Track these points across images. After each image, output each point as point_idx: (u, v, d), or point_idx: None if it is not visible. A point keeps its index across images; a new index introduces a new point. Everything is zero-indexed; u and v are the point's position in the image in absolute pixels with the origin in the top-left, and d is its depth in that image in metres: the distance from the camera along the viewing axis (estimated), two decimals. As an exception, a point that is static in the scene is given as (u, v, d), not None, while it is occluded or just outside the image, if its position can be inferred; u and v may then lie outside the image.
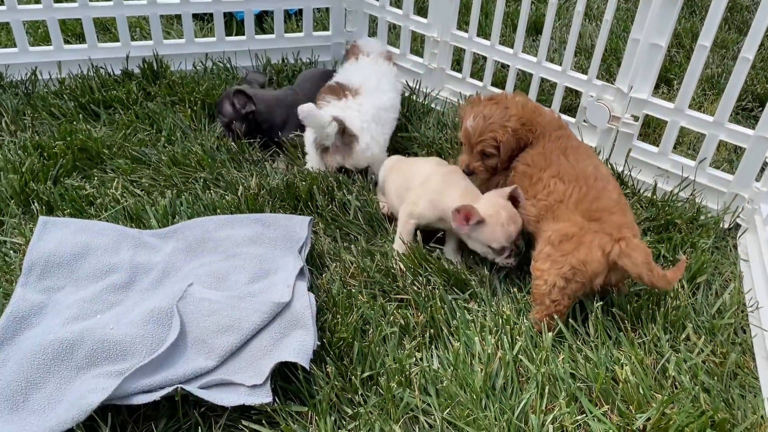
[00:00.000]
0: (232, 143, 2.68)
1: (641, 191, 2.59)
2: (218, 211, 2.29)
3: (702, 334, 1.96)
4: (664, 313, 1.97)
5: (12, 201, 2.29)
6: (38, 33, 3.38)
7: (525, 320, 1.97)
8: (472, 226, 2.03)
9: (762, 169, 2.38)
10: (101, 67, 3.05)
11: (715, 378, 1.82)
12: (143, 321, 1.77)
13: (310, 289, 1.96)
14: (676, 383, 1.81)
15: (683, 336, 1.95)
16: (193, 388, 1.63)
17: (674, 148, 2.58)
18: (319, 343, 1.78)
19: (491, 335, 1.90)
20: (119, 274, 1.97)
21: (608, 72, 3.43)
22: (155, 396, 1.60)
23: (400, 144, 2.81)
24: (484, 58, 3.04)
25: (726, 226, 2.44)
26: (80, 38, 3.14)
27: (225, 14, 3.29)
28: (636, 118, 2.59)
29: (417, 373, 1.79)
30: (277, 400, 1.67)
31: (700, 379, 1.79)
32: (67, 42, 3.23)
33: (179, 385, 1.62)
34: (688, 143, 2.96)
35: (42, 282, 1.92)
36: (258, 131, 2.74)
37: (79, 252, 2.00)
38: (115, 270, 1.98)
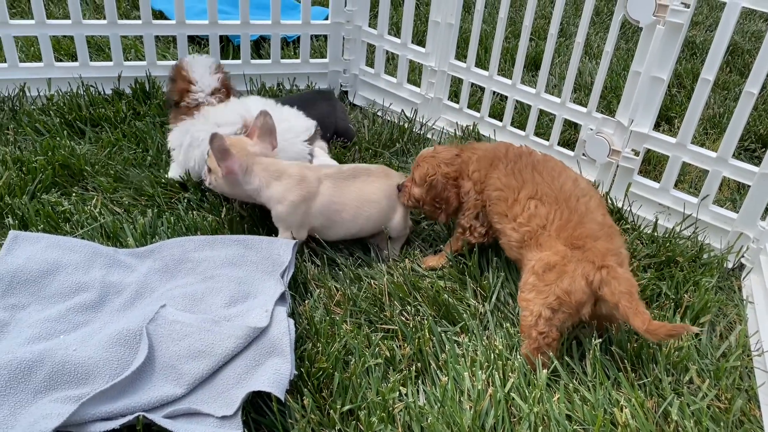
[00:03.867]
0: None
1: (642, 227, 2.50)
2: (200, 232, 2.19)
3: (706, 378, 1.84)
4: (666, 354, 1.86)
5: (-16, 215, 2.19)
6: (31, 51, 3.32)
7: (518, 356, 1.85)
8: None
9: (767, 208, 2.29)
10: (92, 86, 2.99)
11: (721, 424, 1.70)
12: (109, 343, 1.65)
13: (291, 315, 1.84)
14: (679, 428, 1.68)
15: (686, 379, 1.83)
16: (156, 417, 1.50)
17: (675, 185, 2.50)
18: (296, 372, 1.66)
19: (482, 371, 1.78)
20: (89, 293, 1.85)
21: (608, 108, 3.38)
22: (114, 424, 1.47)
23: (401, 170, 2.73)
24: (482, 90, 2.99)
25: (730, 266, 2.34)
26: (74, 57, 3.09)
27: (222, 39, 3.25)
28: (636, 153, 2.51)
29: (401, 409, 1.67)
30: (247, 433, 1.55)
31: (704, 425, 1.67)
32: (59, 60, 3.18)
33: (142, 413, 1.50)
34: (689, 181, 2.88)
35: (6, 299, 1.81)
36: None
37: (48, 269, 1.89)
38: (84, 289, 1.86)
